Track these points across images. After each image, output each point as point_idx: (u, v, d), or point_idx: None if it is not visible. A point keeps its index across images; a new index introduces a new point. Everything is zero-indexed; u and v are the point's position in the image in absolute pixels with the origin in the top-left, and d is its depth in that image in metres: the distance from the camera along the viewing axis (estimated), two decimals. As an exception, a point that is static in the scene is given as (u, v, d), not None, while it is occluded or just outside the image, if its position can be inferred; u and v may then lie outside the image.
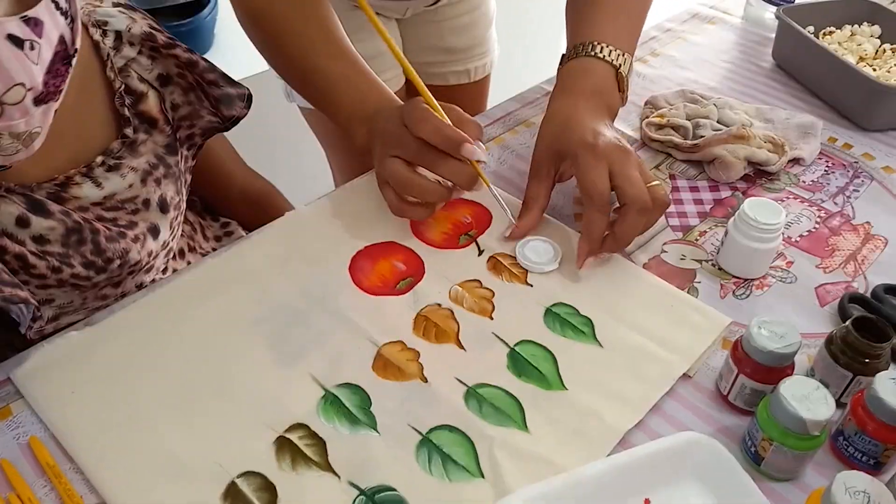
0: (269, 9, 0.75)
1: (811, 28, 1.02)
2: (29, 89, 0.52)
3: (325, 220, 0.73)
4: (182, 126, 0.73)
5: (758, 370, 0.56)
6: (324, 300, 0.65)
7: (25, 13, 0.50)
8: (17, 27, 0.50)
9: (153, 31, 0.69)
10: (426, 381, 0.59)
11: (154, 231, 0.71)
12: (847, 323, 0.57)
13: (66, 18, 0.54)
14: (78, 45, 0.57)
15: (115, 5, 0.70)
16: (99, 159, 0.66)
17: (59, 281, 0.64)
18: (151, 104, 0.70)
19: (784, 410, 0.51)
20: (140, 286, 0.72)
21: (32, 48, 0.51)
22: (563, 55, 0.78)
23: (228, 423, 0.55)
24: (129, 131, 0.67)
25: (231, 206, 0.93)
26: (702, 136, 0.83)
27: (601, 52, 0.74)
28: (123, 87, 0.67)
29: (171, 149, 0.72)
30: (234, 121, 0.76)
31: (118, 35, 0.68)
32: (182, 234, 0.80)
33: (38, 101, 0.54)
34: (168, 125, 0.71)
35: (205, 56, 0.74)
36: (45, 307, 0.66)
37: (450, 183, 0.67)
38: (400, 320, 0.63)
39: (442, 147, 0.65)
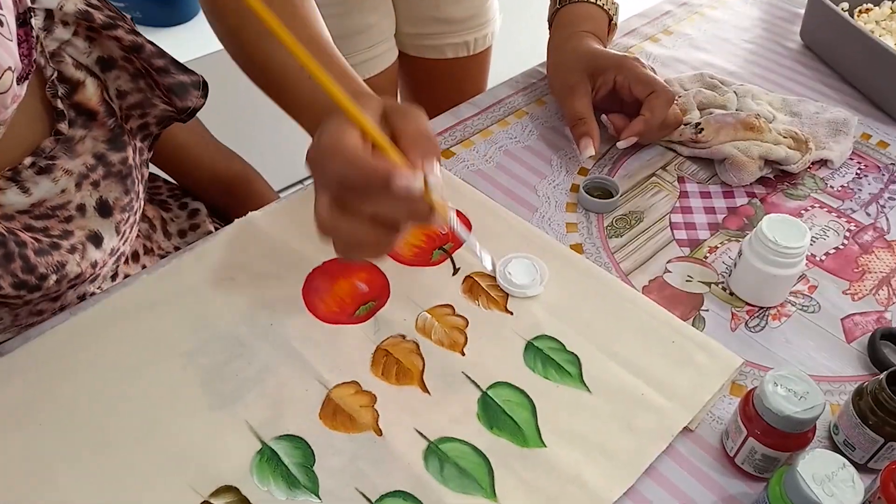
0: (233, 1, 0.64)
1: (845, 4, 0.90)
2: (12, 70, 0.46)
3: (280, 229, 0.64)
4: (132, 115, 0.64)
5: (771, 434, 0.47)
6: (270, 329, 0.56)
7: None
8: None
9: (90, 9, 0.59)
10: (381, 434, 0.50)
11: (95, 239, 0.61)
12: (881, 376, 0.48)
13: None
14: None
15: None
16: (28, 160, 0.56)
17: None
18: (90, 93, 0.59)
19: (801, 494, 0.42)
20: (83, 297, 0.64)
21: (2, 24, 0.45)
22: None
23: (143, 481, 0.47)
24: (63, 126, 0.57)
25: (202, 192, 0.84)
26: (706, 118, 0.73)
27: None
28: (56, 74, 0.57)
29: (115, 144, 0.62)
30: (191, 112, 0.66)
31: (48, 14, 0.57)
32: (137, 235, 0.71)
33: (21, 79, 0.48)
34: (111, 117, 0.61)
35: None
36: None
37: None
38: (356, 355, 0.55)
39: (364, 186, 0.44)
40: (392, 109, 0.48)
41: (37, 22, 0.56)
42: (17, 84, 0.48)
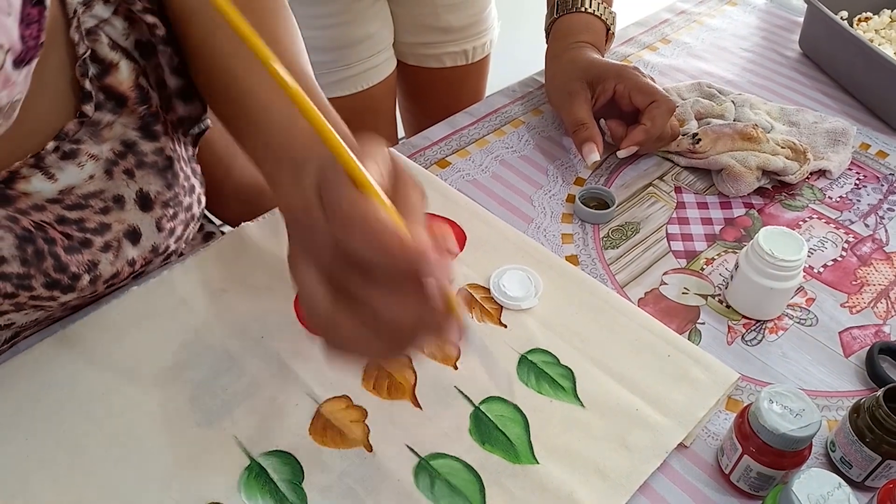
0: (202, 11, 0.57)
1: (844, 13, 0.90)
2: (7, 50, 0.40)
3: (274, 240, 0.63)
4: (174, 107, 0.60)
5: (767, 452, 0.46)
6: (261, 341, 0.56)
7: None
8: None
9: None
10: (371, 450, 0.49)
11: (133, 235, 0.57)
12: (878, 393, 0.47)
13: None
14: None
15: None
16: (51, 145, 0.51)
17: (17, 305, 0.53)
18: (123, 77, 0.54)
19: (797, 514, 0.41)
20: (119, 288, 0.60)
21: None
22: (552, 7, 0.82)
23: (128, 498, 0.47)
24: (88, 108, 0.52)
25: (222, 203, 0.83)
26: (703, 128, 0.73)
27: (590, 6, 0.79)
28: (89, 53, 0.52)
29: (147, 133, 0.57)
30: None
31: None
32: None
33: (19, 62, 0.42)
34: (143, 104, 0.56)
35: None
36: (2, 331, 0.55)
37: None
38: (348, 369, 0.54)
39: (391, 269, 0.35)
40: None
41: None
42: (14, 67, 0.42)
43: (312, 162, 0.40)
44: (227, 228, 0.74)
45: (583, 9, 0.79)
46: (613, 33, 0.81)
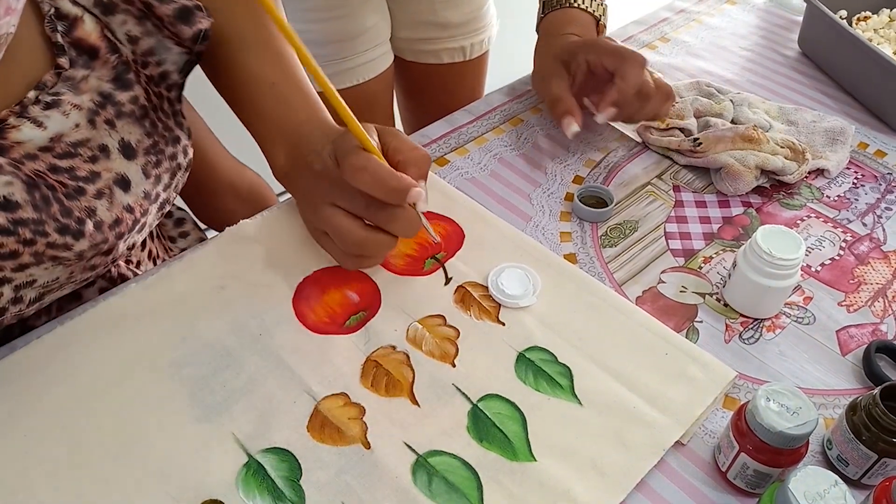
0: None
1: (843, 12, 0.90)
2: None
3: (273, 237, 0.63)
4: (150, 63, 0.60)
5: (764, 450, 0.46)
6: (259, 338, 0.56)
7: None
8: None
9: None
10: (369, 447, 0.50)
11: (122, 182, 0.58)
12: (875, 391, 0.47)
13: None
14: None
15: None
16: (31, 94, 0.53)
17: (36, 255, 0.53)
18: (89, 30, 0.55)
19: (793, 512, 0.41)
20: (132, 247, 0.62)
21: None
22: (542, 4, 0.82)
23: (126, 494, 0.47)
24: (63, 61, 0.54)
25: (219, 201, 0.83)
26: (705, 133, 0.73)
27: (582, 2, 0.79)
28: (54, 10, 0.54)
29: (121, 83, 0.58)
30: (201, 38, 0.60)
31: None
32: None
33: None
34: (113, 54, 0.57)
35: None
36: (27, 289, 0.55)
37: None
38: (346, 366, 0.54)
39: (386, 200, 0.53)
40: (382, 129, 0.57)
41: None
42: None
43: (314, 136, 0.60)
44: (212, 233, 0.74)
45: (568, 4, 0.79)
46: (604, 24, 0.81)
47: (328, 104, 0.57)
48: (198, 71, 0.66)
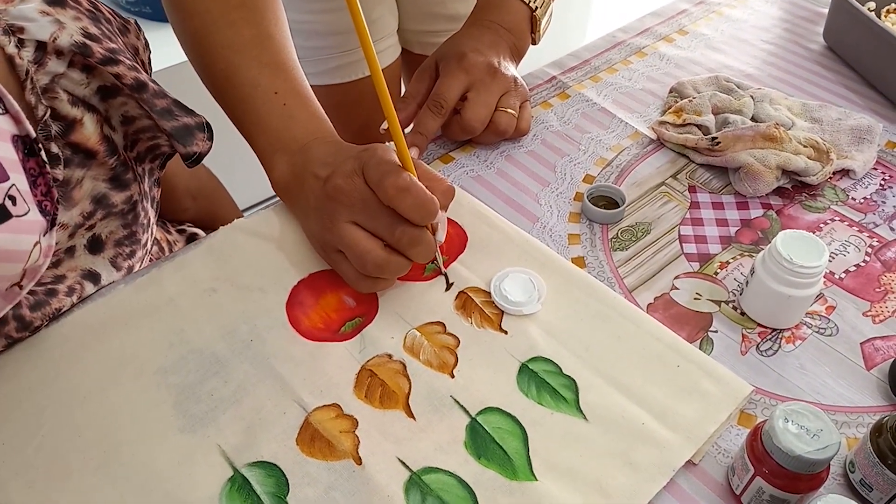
0: (201, 4, 0.61)
1: (872, 4, 0.86)
2: (40, 239, 0.43)
3: (268, 237, 0.61)
4: (141, 139, 0.58)
5: (781, 475, 0.43)
6: (250, 345, 0.53)
7: None
8: None
9: (87, 42, 0.50)
10: (360, 463, 0.47)
11: (91, 276, 0.56)
12: (902, 412, 0.44)
13: None
14: None
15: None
16: None
17: None
18: (88, 132, 0.52)
19: (812, 545, 0.38)
20: None
21: (14, 202, 0.40)
22: None
23: (107, 511, 0.45)
24: (58, 173, 0.50)
25: (175, 203, 0.81)
26: (724, 131, 0.69)
27: None
28: (49, 112, 0.49)
29: (118, 183, 0.56)
30: (196, 158, 0.57)
31: (40, 45, 0.48)
32: (151, 259, 0.67)
33: (48, 226, 0.44)
34: (112, 156, 0.54)
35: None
36: None
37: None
38: (339, 375, 0.52)
39: (420, 223, 0.51)
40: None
41: (27, 54, 0.48)
42: (45, 236, 0.44)
43: (322, 149, 0.57)
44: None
45: None
46: (539, 17, 0.75)
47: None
48: (164, 62, 0.64)
